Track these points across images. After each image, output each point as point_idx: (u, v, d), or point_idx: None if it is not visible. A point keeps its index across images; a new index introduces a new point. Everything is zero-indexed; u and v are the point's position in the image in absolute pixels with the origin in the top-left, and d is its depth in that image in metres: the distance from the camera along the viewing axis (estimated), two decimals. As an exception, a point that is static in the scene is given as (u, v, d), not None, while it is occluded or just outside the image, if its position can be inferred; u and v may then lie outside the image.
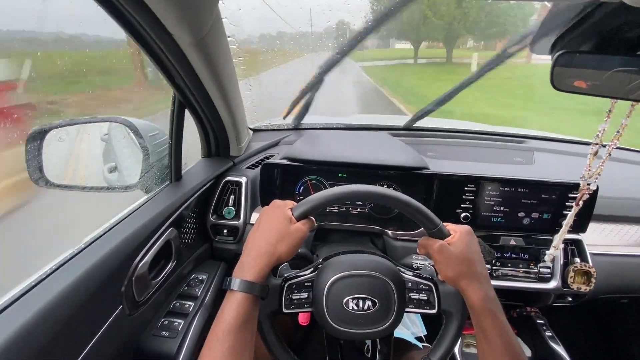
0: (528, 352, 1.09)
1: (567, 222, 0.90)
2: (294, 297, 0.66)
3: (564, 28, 0.68)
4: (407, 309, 0.67)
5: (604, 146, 0.82)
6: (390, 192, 0.65)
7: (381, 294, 0.65)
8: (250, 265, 0.58)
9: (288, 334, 1.19)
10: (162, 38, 0.51)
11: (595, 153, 0.84)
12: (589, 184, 0.80)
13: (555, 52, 0.66)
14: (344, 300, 0.64)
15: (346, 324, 0.64)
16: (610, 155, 0.81)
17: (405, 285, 0.68)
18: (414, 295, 0.67)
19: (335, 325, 0.64)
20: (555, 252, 0.94)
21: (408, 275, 0.69)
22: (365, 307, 0.64)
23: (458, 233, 0.64)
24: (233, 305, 0.55)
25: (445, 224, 0.66)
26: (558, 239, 0.92)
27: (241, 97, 0.98)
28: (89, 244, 0.66)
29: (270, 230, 0.61)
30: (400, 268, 0.70)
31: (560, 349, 1.01)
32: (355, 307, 0.64)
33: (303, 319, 0.96)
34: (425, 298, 0.67)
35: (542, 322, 1.10)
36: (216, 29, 0.61)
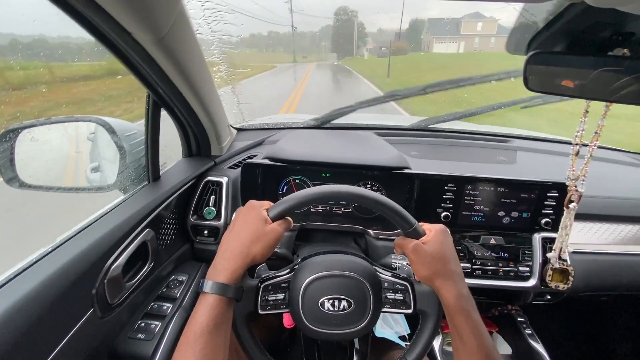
0: (508, 350, 1.10)
1: (563, 224, 0.91)
2: (270, 299, 0.66)
3: (538, 28, 0.68)
4: (383, 309, 0.67)
5: (585, 145, 0.83)
6: (367, 192, 0.65)
7: (357, 294, 0.65)
8: (223, 267, 0.58)
9: (274, 336, 1.19)
10: (121, 37, 0.50)
11: (577, 153, 0.85)
12: (576, 187, 0.81)
13: (528, 52, 0.67)
14: (320, 300, 0.64)
15: (322, 325, 0.64)
16: (591, 155, 0.82)
17: (382, 286, 0.68)
18: (390, 295, 0.68)
19: (311, 326, 0.64)
20: (554, 254, 0.94)
21: (384, 275, 0.69)
22: (341, 308, 0.64)
23: (433, 232, 0.64)
24: (205, 308, 0.55)
25: (420, 223, 0.66)
26: (556, 243, 0.93)
27: (218, 96, 0.97)
28: (59, 245, 0.65)
29: (245, 231, 0.60)
30: (377, 268, 0.70)
31: (539, 347, 1.02)
32: (331, 308, 0.64)
33: (288, 321, 0.96)
34: (401, 298, 0.67)
35: (522, 320, 1.12)
36: (179, 28, 0.60)
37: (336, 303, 0.64)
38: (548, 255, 0.95)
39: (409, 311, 0.67)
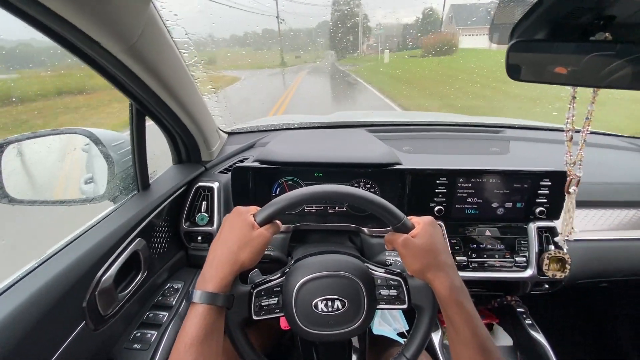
0: (509, 341, 1.09)
1: (565, 208, 0.91)
2: (263, 304, 0.66)
3: (519, 16, 0.67)
4: (378, 306, 0.67)
5: (578, 131, 0.82)
6: (353, 190, 0.64)
7: (350, 293, 0.64)
8: (211, 276, 0.57)
9: (275, 339, 1.18)
10: (90, 47, 0.49)
11: (571, 139, 0.84)
12: (576, 172, 0.81)
13: (509, 41, 0.66)
14: (313, 302, 0.64)
15: (317, 326, 0.64)
16: (585, 141, 0.82)
17: (375, 283, 0.67)
18: (384, 292, 0.67)
19: (306, 328, 0.64)
20: (562, 237, 0.94)
21: (377, 272, 0.69)
22: (335, 308, 0.64)
23: (421, 225, 0.63)
24: (195, 318, 0.54)
25: (409, 217, 0.65)
26: (562, 226, 0.93)
27: (202, 100, 0.96)
28: (46, 260, 0.65)
29: (232, 238, 0.60)
30: (369, 265, 0.70)
31: (540, 337, 1.01)
32: (325, 309, 0.64)
33: (284, 323, 0.96)
34: (395, 294, 0.66)
35: (522, 310, 1.11)
36: (150, 33, 0.59)
37: (330, 303, 0.64)
38: (556, 239, 0.95)
39: (404, 306, 0.66)
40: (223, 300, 0.57)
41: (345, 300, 0.64)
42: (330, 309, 0.64)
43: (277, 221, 0.66)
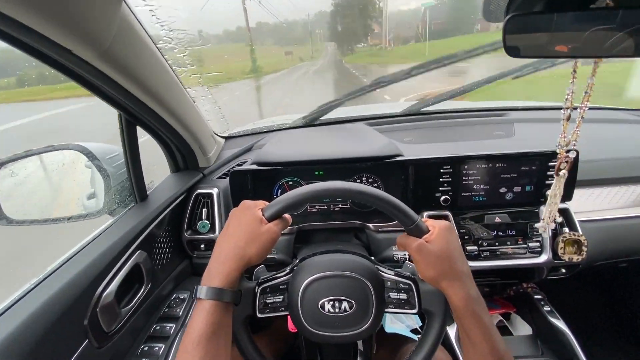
0: (529, 330, 1.05)
1: (552, 192, 0.86)
2: (268, 301, 0.64)
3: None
4: (386, 310, 0.64)
5: (576, 109, 0.78)
6: (366, 188, 0.61)
7: (358, 294, 0.62)
8: (217, 271, 0.55)
9: (287, 344, 1.16)
10: (61, 55, 0.47)
11: (568, 118, 0.79)
12: (567, 152, 0.76)
13: (505, 16, 0.62)
14: (320, 302, 0.62)
15: (322, 327, 0.62)
16: (582, 118, 0.77)
17: (384, 285, 0.65)
18: (393, 295, 0.64)
19: (312, 329, 0.62)
20: (543, 224, 0.90)
21: (387, 274, 0.66)
22: (342, 309, 0.62)
23: (437, 229, 0.59)
24: (201, 315, 0.52)
25: (423, 219, 0.62)
26: (545, 212, 0.88)
27: (193, 105, 0.94)
28: (44, 279, 0.63)
29: (239, 232, 0.58)
30: (379, 267, 0.67)
31: (560, 324, 0.98)
32: (332, 309, 0.62)
33: (292, 325, 0.94)
34: (405, 297, 0.63)
35: (539, 297, 1.07)
36: (124, 36, 0.57)
37: (337, 304, 0.62)
38: (536, 225, 0.90)
39: (414, 311, 0.63)
40: (230, 295, 0.55)
41: (353, 302, 0.61)
42: (337, 310, 0.61)
43: (287, 216, 0.64)
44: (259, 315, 0.63)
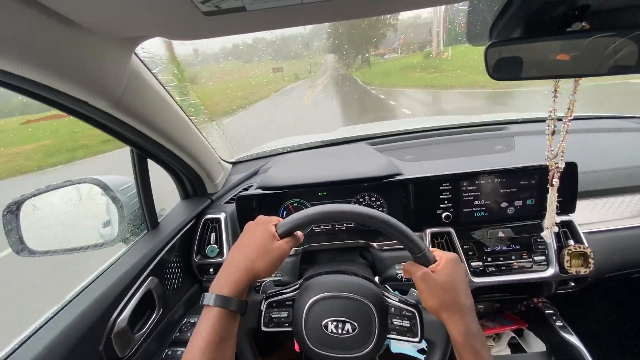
0: (542, 347, 1.03)
1: (548, 201, 0.87)
2: (273, 316, 0.66)
3: (493, 17, 0.68)
4: (388, 336, 0.65)
5: (560, 120, 0.80)
6: (377, 213, 0.62)
7: (362, 317, 0.63)
8: (226, 280, 0.57)
9: None
10: (78, 106, 0.52)
11: (553, 132, 0.81)
12: (556, 164, 0.78)
13: (488, 41, 0.66)
14: (324, 322, 0.63)
15: (325, 347, 0.63)
16: (567, 132, 0.79)
17: (388, 310, 0.65)
18: (396, 322, 0.65)
19: (314, 348, 0.63)
20: (547, 233, 0.90)
21: (392, 300, 0.67)
22: (345, 331, 0.63)
23: (443, 260, 0.60)
24: (209, 322, 0.53)
25: (432, 249, 0.63)
26: (546, 218, 0.89)
27: (199, 136, 1.00)
28: (61, 309, 0.67)
29: (251, 245, 0.60)
30: (384, 292, 0.68)
31: (574, 339, 0.95)
32: (335, 330, 0.63)
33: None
34: (408, 325, 0.64)
35: (551, 312, 1.05)
36: (134, 86, 0.62)
37: (340, 325, 0.63)
38: (542, 234, 0.90)
39: (416, 340, 0.63)
40: (236, 304, 0.55)
41: (356, 324, 0.63)
42: (340, 331, 0.63)
43: (299, 234, 0.65)
44: (263, 329, 0.64)
